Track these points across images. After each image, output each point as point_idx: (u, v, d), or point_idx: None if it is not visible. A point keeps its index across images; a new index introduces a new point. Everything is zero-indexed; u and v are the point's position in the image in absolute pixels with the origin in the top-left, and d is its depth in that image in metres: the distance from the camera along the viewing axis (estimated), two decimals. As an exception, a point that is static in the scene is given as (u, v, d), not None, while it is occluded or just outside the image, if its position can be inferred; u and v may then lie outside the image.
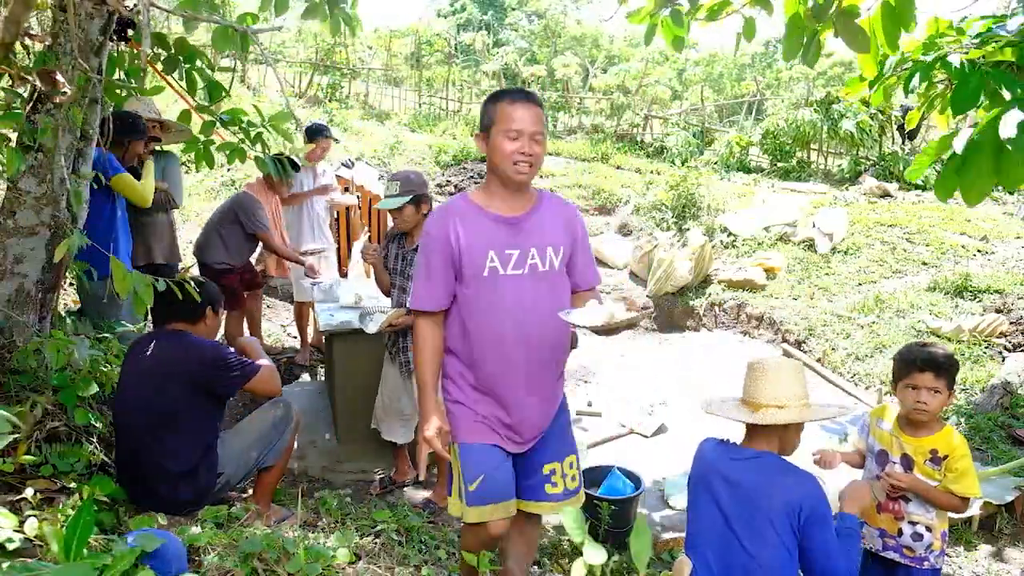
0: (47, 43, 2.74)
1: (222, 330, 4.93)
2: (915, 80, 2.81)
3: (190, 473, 2.66)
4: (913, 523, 2.31)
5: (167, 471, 2.61)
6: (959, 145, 2.22)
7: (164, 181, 4.18)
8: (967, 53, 2.70)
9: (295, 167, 4.67)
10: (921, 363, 2.27)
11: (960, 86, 2.45)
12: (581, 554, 3.08)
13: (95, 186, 3.20)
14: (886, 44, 2.38)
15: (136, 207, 3.85)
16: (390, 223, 7.51)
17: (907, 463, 2.32)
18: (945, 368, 2.25)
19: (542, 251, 2.18)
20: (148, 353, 2.68)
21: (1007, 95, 2.34)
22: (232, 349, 2.84)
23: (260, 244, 4.88)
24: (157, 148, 4.26)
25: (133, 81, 3.44)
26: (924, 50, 2.90)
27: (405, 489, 3.84)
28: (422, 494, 3.82)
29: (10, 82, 2.74)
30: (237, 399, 4.35)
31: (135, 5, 3.14)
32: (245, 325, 5.07)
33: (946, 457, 2.26)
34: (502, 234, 2.15)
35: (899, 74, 3.01)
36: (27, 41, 2.69)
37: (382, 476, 3.91)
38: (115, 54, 3.24)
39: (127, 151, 3.71)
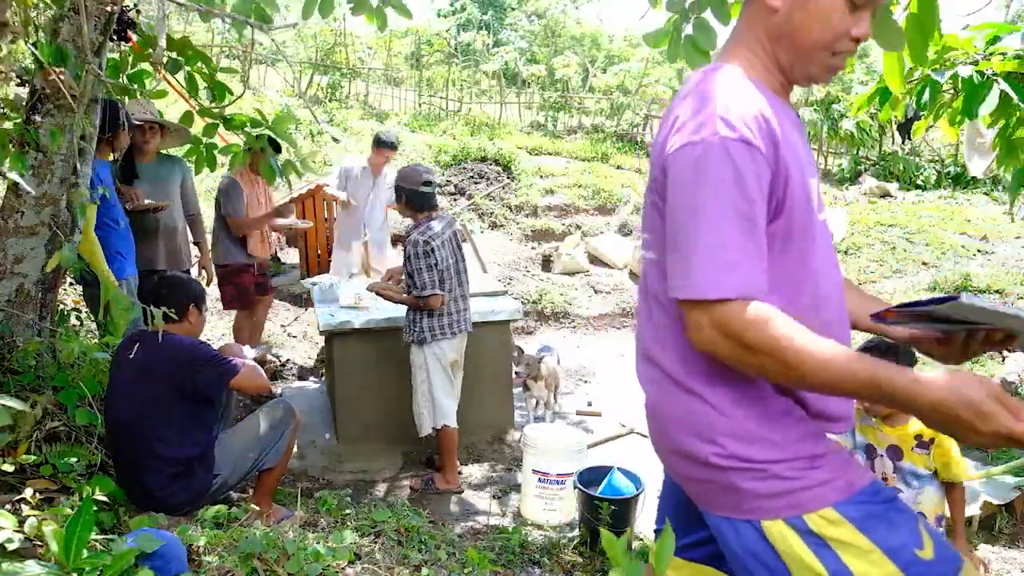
0: (47, 40, 2.73)
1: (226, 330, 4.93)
2: (926, 95, 2.84)
3: (184, 474, 2.66)
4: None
5: (160, 472, 2.60)
6: None
7: (171, 194, 4.15)
8: (976, 64, 2.73)
9: (277, 149, 4.59)
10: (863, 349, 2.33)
11: (970, 95, 2.49)
12: (583, 554, 3.08)
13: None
14: (912, 57, 2.24)
15: (136, 212, 3.84)
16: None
17: (895, 453, 2.35)
18: (882, 353, 2.28)
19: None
20: (132, 354, 2.66)
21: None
22: (214, 348, 2.82)
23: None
24: (164, 152, 4.24)
25: (135, 83, 3.42)
26: (931, 65, 2.91)
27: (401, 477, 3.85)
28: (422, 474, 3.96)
29: (17, 81, 2.74)
30: (238, 399, 4.36)
31: (136, 4, 3.14)
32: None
33: (932, 441, 2.31)
34: (806, 149, 1.31)
35: (909, 89, 3.03)
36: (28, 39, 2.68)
37: (426, 477, 3.90)
38: (119, 55, 3.24)
39: (114, 144, 3.57)
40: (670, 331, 1.31)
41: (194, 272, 4.59)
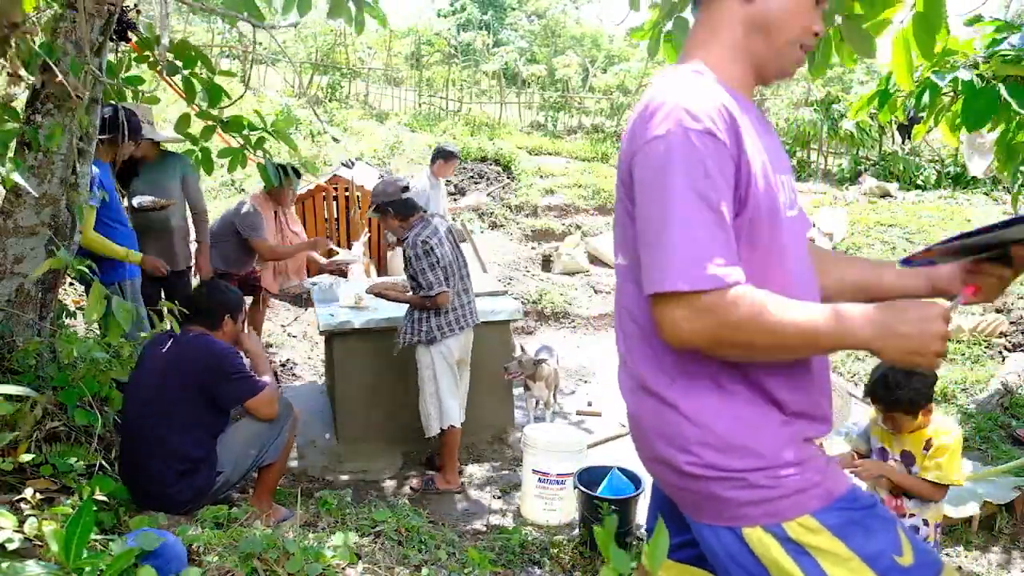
0: (46, 39, 2.72)
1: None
2: (925, 97, 2.84)
3: (189, 471, 2.68)
4: (912, 516, 2.34)
5: (166, 468, 2.63)
6: None
7: (170, 194, 4.14)
8: (977, 67, 2.73)
9: (298, 175, 4.62)
10: (866, 395, 2.37)
11: (971, 102, 2.48)
12: (583, 554, 3.08)
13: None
14: (921, 53, 2.27)
15: (137, 212, 3.83)
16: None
17: (908, 458, 2.35)
18: (884, 401, 2.30)
19: (793, 181, 1.35)
20: (165, 349, 2.73)
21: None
22: (244, 361, 2.86)
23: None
24: (163, 149, 4.23)
25: (132, 85, 3.40)
26: (931, 67, 2.91)
27: (406, 479, 3.85)
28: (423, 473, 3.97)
29: (15, 81, 2.73)
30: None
31: (136, 4, 3.13)
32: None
33: (932, 444, 2.32)
34: (775, 146, 1.34)
35: (908, 92, 3.03)
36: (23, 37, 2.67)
37: (427, 477, 3.90)
38: (115, 56, 3.22)
39: (118, 150, 3.56)
40: (639, 340, 1.31)
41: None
